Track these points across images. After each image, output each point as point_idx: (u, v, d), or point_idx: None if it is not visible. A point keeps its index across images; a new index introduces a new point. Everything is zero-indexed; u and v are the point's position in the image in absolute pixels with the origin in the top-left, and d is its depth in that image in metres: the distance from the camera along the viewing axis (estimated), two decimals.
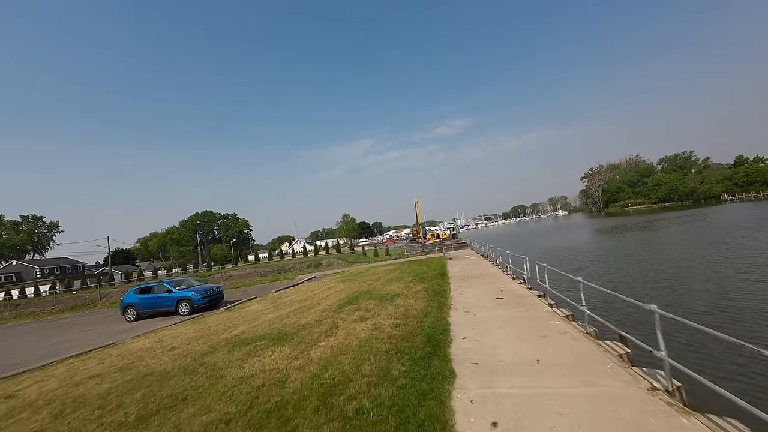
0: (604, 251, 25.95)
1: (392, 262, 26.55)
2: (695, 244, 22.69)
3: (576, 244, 33.19)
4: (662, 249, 23.02)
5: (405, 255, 30.99)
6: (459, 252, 28.84)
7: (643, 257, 20.67)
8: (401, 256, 31.28)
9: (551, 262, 21.63)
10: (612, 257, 22.59)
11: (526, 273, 11.54)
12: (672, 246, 23.83)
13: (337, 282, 18.25)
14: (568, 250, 28.65)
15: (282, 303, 13.75)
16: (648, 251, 22.91)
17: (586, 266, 20.41)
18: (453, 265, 19.79)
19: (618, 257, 21.97)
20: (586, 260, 22.59)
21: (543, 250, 30.92)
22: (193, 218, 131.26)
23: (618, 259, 21.13)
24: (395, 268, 21.57)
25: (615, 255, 23.28)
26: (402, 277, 16.88)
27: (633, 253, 23.00)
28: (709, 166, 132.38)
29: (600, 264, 20.56)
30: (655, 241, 27.43)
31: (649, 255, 21.16)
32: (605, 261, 21.50)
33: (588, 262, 21.68)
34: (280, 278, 26.29)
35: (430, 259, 24.56)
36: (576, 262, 22.04)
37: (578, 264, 21.35)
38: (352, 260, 30.76)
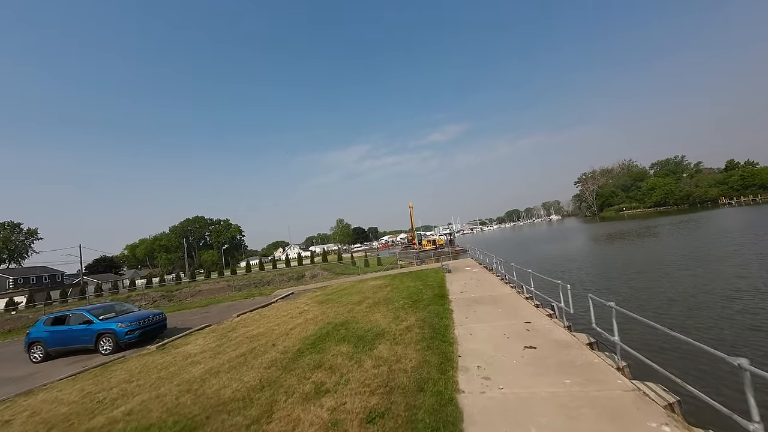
0: (625, 263, 22.81)
1: (383, 275, 23.12)
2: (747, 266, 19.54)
3: (586, 253, 30.06)
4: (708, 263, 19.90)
5: (398, 264, 27.58)
6: (458, 262, 25.50)
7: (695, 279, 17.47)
8: (394, 266, 27.89)
9: (575, 277, 18.46)
10: (643, 271, 19.39)
11: (561, 305, 8.16)
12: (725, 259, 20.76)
13: (312, 304, 14.77)
14: (582, 262, 25.45)
15: (231, 340, 10.23)
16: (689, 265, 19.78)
17: (618, 287, 17.04)
18: (453, 280, 16.43)
19: (653, 275, 18.38)
20: (611, 278, 19.31)
21: (552, 260, 27.73)
22: (183, 224, 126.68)
23: (657, 279, 17.36)
24: (385, 283, 18.14)
25: (644, 269, 20.09)
26: (391, 298, 13.47)
27: (662, 270, 19.85)
28: (700, 170, 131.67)
29: (638, 284, 16.98)
30: (691, 251, 24.39)
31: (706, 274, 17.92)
32: (637, 278, 18.22)
33: (618, 281, 18.21)
34: (255, 294, 22.71)
35: (425, 272, 21.18)
36: (604, 281, 18.65)
37: (607, 284, 17.96)
38: (339, 271, 27.26)
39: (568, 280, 16.83)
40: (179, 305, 22.29)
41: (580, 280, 18.74)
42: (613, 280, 18.17)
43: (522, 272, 12.27)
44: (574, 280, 18.83)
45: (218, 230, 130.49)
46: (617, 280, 18.04)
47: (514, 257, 32.82)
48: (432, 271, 20.90)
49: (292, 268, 28.58)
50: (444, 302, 11.48)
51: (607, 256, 26.51)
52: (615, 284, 17.09)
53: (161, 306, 23.32)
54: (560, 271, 21.68)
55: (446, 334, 8.04)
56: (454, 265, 23.86)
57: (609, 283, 17.43)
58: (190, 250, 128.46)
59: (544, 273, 21.38)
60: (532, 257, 31.65)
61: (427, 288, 15.00)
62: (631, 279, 17.67)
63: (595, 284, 17.54)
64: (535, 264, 25.90)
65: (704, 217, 51.27)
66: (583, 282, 18.44)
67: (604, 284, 17.40)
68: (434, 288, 14.75)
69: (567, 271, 21.15)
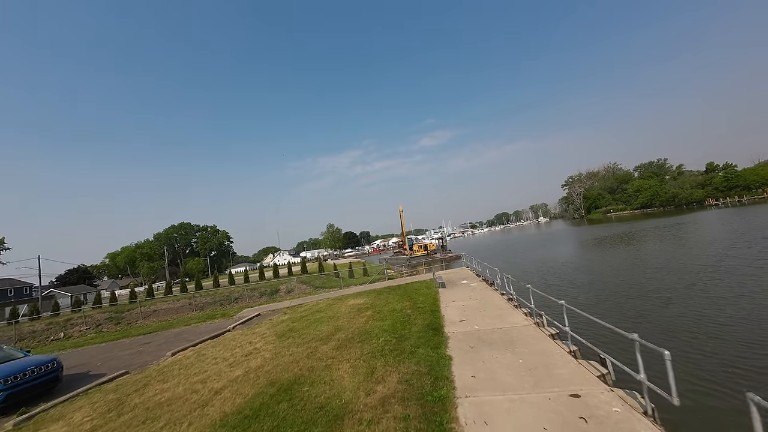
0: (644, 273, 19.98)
1: (367, 289, 19.79)
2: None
3: (590, 261, 27.29)
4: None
5: (386, 275, 24.26)
6: (452, 273, 22.33)
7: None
8: (381, 276, 24.55)
9: (593, 295, 14.21)
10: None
11: (621, 365, 4.93)
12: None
13: (269, 338, 11.35)
14: (593, 273, 22.56)
15: (121, 414, 6.72)
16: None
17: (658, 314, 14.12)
18: (448, 300, 13.21)
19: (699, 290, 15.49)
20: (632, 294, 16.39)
21: (557, 269, 24.79)
22: (168, 231, 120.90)
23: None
24: (367, 303, 14.81)
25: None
26: (370, 331, 10.16)
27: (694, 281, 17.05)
28: (682, 172, 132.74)
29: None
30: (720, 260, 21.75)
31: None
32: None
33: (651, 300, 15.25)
34: (217, 315, 19.06)
35: (416, 286, 17.94)
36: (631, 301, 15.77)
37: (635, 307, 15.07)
38: (319, 284, 23.78)
39: (591, 303, 13.44)
40: (123, 331, 18.41)
41: (608, 302, 15.67)
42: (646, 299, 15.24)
43: (537, 295, 9.11)
44: (593, 300, 15.83)
45: (205, 237, 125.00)
46: (648, 299, 15.11)
47: (513, 263, 30.34)
48: (423, 286, 17.65)
49: (267, 281, 24.87)
50: (439, 341, 8.22)
51: (617, 264, 23.77)
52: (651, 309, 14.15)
53: (105, 331, 19.40)
54: (574, 285, 18.63)
55: (445, 418, 4.78)
56: (449, 276, 20.68)
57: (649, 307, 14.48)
58: (176, 257, 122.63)
59: (552, 286, 18.46)
60: (530, 264, 28.75)
61: (417, 312, 11.74)
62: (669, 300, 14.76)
63: (626, 309, 14.53)
64: (537, 273, 22.94)
65: (694, 220, 49.53)
66: (613, 303, 15.42)
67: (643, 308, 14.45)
68: (425, 313, 11.50)
69: (580, 287, 18.03)
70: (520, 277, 21.74)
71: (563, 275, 21.19)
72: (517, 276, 22.80)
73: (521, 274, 23.02)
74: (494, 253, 43.17)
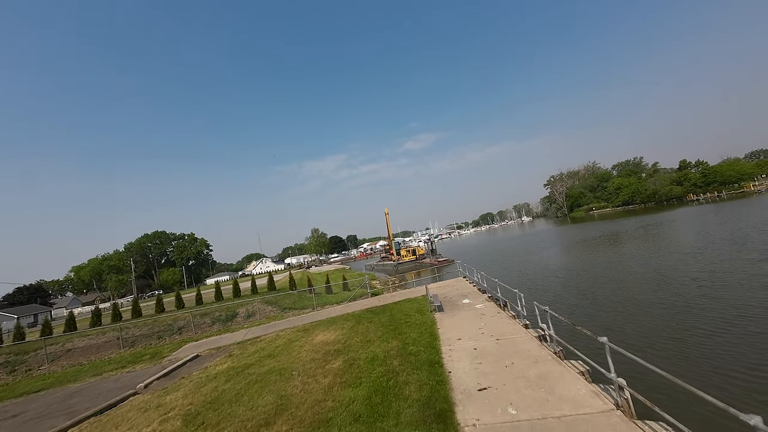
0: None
1: (343, 313, 15.56)
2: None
3: (603, 265, 24.03)
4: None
5: (368, 290, 20.06)
6: (448, 285, 18.40)
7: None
8: (364, 292, 20.33)
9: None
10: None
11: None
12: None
13: (174, 421, 6.92)
14: (610, 283, 19.15)
15: None
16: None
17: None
18: (452, 338, 9.18)
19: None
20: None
21: (565, 278, 21.30)
22: (141, 240, 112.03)
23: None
24: (337, 344, 10.59)
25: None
26: (331, 418, 5.96)
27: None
28: (658, 170, 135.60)
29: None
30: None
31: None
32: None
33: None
34: (146, 356, 14.27)
35: (405, 309, 13.87)
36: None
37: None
38: (288, 304, 19.28)
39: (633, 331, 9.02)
40: (14, 385, 13.33)
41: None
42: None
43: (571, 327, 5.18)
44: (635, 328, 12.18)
45: (182, 245, 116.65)
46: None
47: (513, 270, 24.82)
48: (414, 308, 13.57)
49: (225, 303, 20.04)
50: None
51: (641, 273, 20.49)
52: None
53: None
54: (607, 306, 14.86)
55: None
56: (444, 291, 16.71)
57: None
58: (150, 268, 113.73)
59: (577, 309, 14.18)
60: (535, 271, 25.23)
61: (408, 366, 7.65)
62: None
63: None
64: (548, 284, 19.17)
65: (680, 218, 47.97)
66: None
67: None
68: (421, 368, 7.42)
69: (618, 309, 14.12)
70: (532, 291, 18.12)
71: (584, 290, 17.07)
72: (529, 288, 19.26)
73: (531, 287, 19.37)
74: (488, 257, 39.69)
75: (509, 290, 11.06)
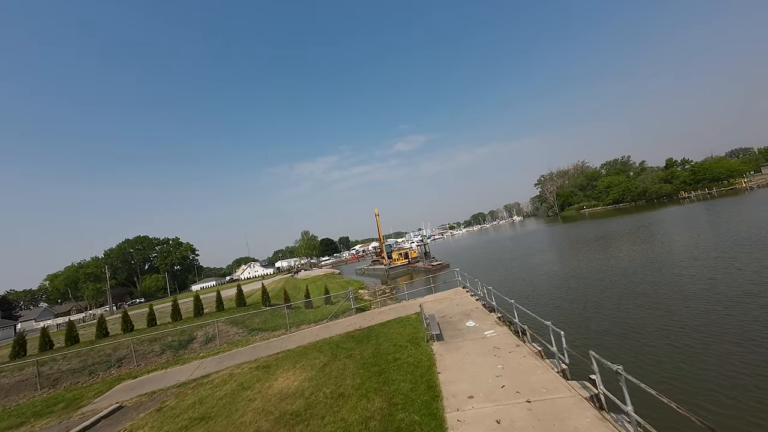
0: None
1: (319, 339, 12.54)
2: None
3: (621, 269, 21.57)
4: None
5: (352, 307, 17.04)
6: (446, 300, 15.53)
7: None
8: (348, 307, 17.29)
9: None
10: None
11: None
12: None
13: None
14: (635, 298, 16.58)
15: None
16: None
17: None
18: (458, 390, 6.25)
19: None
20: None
21: (600, 296, 18.69)
22: (122, 246, 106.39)
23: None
24: (298, 399, 7.56)
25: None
26: None
27: None
28: (645, 168, 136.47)
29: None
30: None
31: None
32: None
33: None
34: (60, 402, 10.97)
35: (395, 336, 10.95)
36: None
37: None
38: (257, 325, 16.09)
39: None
40: None
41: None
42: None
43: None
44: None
45: (166, 251, 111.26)
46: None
47: (516, 277, 21.67)
48: (406, 338, 10.62)
49: (183, 323, 16.71)
50: None
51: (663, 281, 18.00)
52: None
53: None
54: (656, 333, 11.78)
55: None
56: (443, 307, 13.84)
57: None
58: (133, 275, 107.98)
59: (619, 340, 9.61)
60: (541, 279, 22.63)
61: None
62: None
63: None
64: (566, 298, 16.35)
65: (682, 215, 46.35)
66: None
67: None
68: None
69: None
70: (542, 306, 15.25)
71: (609, 307, 14.14)
72: (539, 302, 16.01)
73: (543, 301, 16.65)
74: (485, 261, 37.05)
75: (530, 316, 8.22)
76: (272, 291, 26.26)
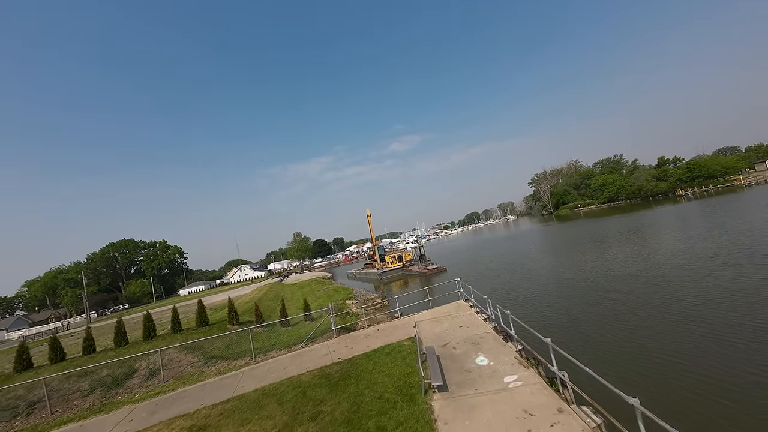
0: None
1: (280, 381, 9.65)
2: None
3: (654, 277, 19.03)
4: None
5: (332, 328, 14.04)
6: (446, 319, 12.72)
7: None
8: (328, 327, 14.28)
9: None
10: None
11: None
12: None
13: None
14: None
15: None
16: None
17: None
18: None
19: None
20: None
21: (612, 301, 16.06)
22: (106, 250, 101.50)
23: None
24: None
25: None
26: None
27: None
28: (637, 167, 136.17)
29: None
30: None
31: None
32: None
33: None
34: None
35: (382, 383, 8.12)
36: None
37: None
38: (216, 352, 13.06)
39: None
40: None
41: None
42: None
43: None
44: None
45: (152, 254, 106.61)
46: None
47: (525, 286, 17.82)
48: (395, 387, 7.78)
49: (127, 348, 13.52)
50: None
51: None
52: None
53: None
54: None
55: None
56: (443, 331, 11.03)
57: None
58: (117, 280, 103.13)
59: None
60: (560, 290, 19.98)
61: None
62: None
63: None
64: (580, 310, 13.54)
65: (678, 217, 44.37)
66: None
67: None
68: None
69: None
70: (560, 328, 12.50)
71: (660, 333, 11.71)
72: (558, 324, 12.48)
73: (562, 321, 13.91)
74: (484, 265, 34.32)
75: (571, 361, 5.44)
76: (249, 302, 23.16)
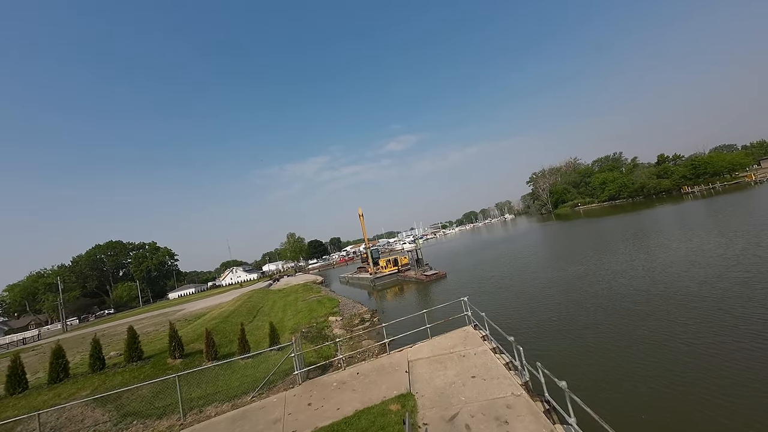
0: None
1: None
2: None
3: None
4: None
5: (297, 371, 10.44)
6: (449, 357, 9.27)
7: None
8: (290, 368, 10.67)
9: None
10: None
11: None
12: None
13: None
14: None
15: None
16: None
17: None
18: None
19: None
20: None
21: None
22: (92, 252, 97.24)
23: None
24: None
25: None
26: None
27: None
28: (637, 165, 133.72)
29: None
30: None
31: None
32: None
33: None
34: None
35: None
36: None
37: None
38: (137, 407, 9.56)
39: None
40: None
41: None
42: None
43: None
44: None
45: (141, 256, 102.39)
46: None
47: (546, 303, 13.30)
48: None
49: (23, 396, 10.04)
50: None
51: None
52: None
53: None
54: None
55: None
56: (446, 383, 7.58)
57: None
58: (104, 283, 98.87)
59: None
60: (598, 312, 16.49)
61: None
62: None
63: None
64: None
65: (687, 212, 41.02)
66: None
67: None
68: None
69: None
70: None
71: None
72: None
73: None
74: (488, 271, 30.64)
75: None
76: (216, 318, 19.51)
